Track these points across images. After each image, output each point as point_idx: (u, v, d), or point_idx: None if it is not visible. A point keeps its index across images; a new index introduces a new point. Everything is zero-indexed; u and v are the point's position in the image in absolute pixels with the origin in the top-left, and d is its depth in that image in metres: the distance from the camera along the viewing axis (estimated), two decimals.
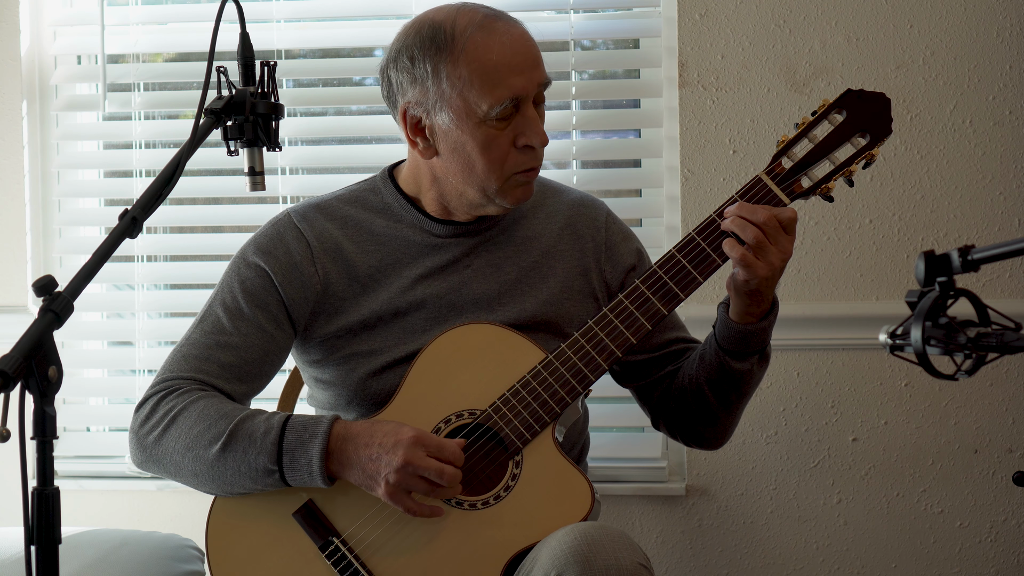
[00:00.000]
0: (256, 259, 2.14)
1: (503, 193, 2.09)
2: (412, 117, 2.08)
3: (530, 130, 2.05)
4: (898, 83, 2.70)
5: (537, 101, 2.08)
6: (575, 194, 2.28)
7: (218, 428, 2.00)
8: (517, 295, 2.15)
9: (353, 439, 1.97)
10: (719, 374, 2.10)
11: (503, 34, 2.03)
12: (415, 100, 2.06)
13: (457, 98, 2.02)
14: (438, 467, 1.93)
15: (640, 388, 2.27)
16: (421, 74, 2.04)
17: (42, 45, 2.98)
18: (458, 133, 2.04)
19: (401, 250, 2.15)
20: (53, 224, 2.99)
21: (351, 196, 2.21)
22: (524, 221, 2.20)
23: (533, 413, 2.01)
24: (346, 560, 2.00)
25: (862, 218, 2.73)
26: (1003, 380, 2.71)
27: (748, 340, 2.06)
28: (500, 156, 2.05)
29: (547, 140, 2.08)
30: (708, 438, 2.23)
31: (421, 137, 2.09)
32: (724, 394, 2.13)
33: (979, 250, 1.32)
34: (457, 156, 2.06)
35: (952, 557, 2.74)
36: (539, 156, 2.09)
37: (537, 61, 2.07)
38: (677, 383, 2.19)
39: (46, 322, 1.56)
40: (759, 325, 2.06)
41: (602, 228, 2.23)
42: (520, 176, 2.08)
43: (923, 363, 1.29)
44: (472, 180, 2.07)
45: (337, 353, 2.14)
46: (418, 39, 2.05)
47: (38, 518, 1.54)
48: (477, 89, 2.01)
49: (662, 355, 2.23)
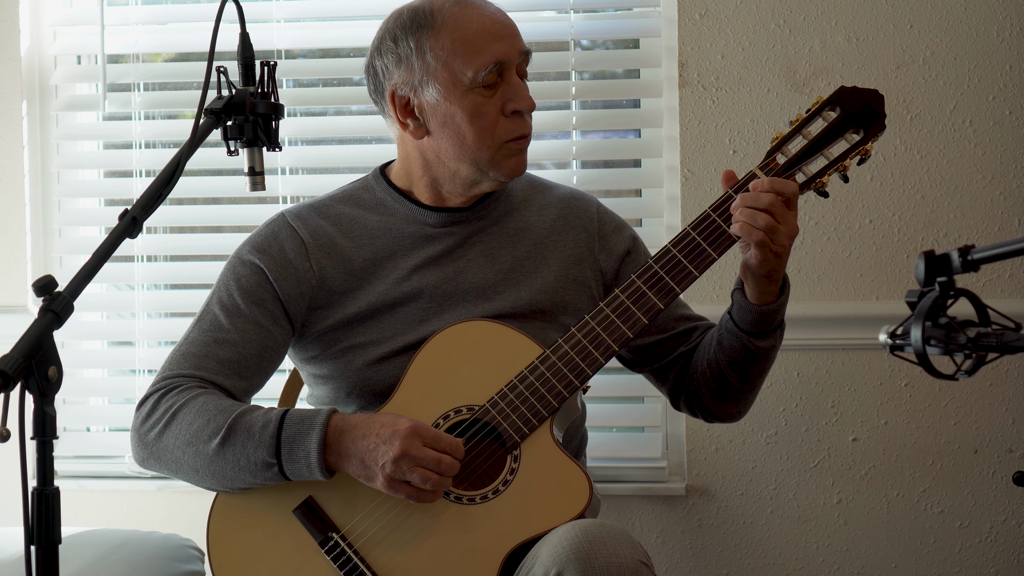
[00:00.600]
0: (251, 257, 2.16)
1: (496, 164, 2.12)
2: (400, 98, 2.12)
3: (516, 95, 2.10)
4: (898, 83, 2.70)
5: (521, 74, 2.13)
6: (565, 189, 2.31)
7: (217, 423, 2.01)
8: (512, 284, 2.17)
9: (351, 431, 1.97)
10: (742, 355, 2.13)
11: (480, 6, 2.12)
12: (402, 80, 2.11)
13: (442, 69, 2.07)
14: (435, 457, 1.94)
15: (655, 371, 2.29)
16: (405, 52, 2.09)
17: (42, 45, 2.98)
18: (447, 105, 2.08)
19: (396, 242, 2.17)
20: (53, 224, 2.99)
21: (344, 195, 2.24)
22: (516, 213, 2.23)
23: (531, 408, 2.01)
24: (346, 555, 2.01)
25: (862, 218, 2.73)
26: (1003, 380, 2.71)
27: (770, 319, 2.09)
28: (490, 124, 2.09)
29: (534, 105, 2.13)
30: (732, 413, 2.26)
31: (411, 117, 2.13)
32: (747, 372, 2.15)
33: (979, 250, 1.32)
34: (447, 130, 2.10)
35: (952, 557, 2.74)
36: (528, 123, 2.13)
37: (515, 31, 2.13)
38: (695, 368, 2.21)
39: (46, 322, 1.56)
40: (779, 302, 2.09)
41: (594, 219, 2.26)
42: (512, 144, 2.11)
43: (923, 363, 1.29)
44: (464, 153, 2.10)
45: (335, 347, 2.15)
46: (399, 22, 2.12)
47: (38, 518, 1.54)
48: (461, 57, 2.07)
49: (672, 335, 2.26)
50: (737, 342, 2.12)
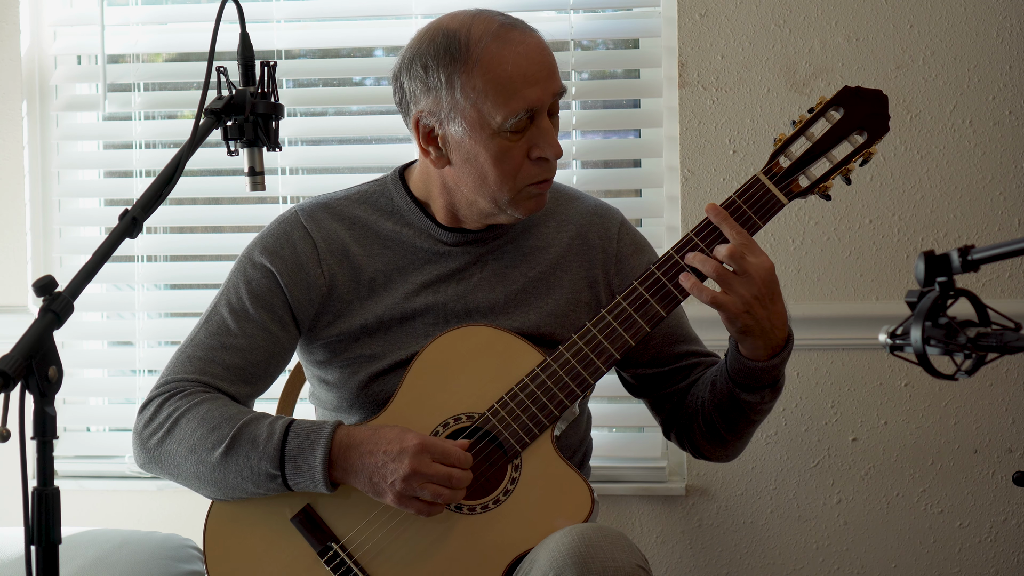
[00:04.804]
0: (262, 259, 2.13)
1: (515, 204, 2.06)
2: (425, 126, 2.05)
3: (544, 142, 2.02)
4: (898, 83, 2.70)
5: (551, 112, 2.05)
6: (590, 202, 2.24)
7: (221, 432, 1.99)
8: (522, 306, 2.13)
9: (357, 447, 1.95)
10: (729, 402, 2.08)
11: (518, 44, 2.00)
12: (428, 109, 2.03)
13: (471, 109, 1.99)
14: (446, 472, 1.92)
15: (653, 400, 2.25)
16: (435, 84, 2.01)
17: (42, 45, 2.98)
18: (471, 144, 2.01)
19: (408, 255, 2.14)
20: (53, 224, 2.99)
21: (360, 196, 2.19)
22: (535, 230, 2.18)
23: (532, 416, 2.00)
24: (345, 565, 1.99)
25: (862, 218, 2.73)
26: (1003, 380, 2.71)
27: (758, 376, 2.03)
28: (513, 168, 2.02)
29: (562, 152, 2.04)
30: (719, 456, 2.22)
31: (433, 146, 2.06)
32: (733, 421, 2.10)
33: (979, 250, 1.32)
34: (469, 167, 2.04)
35: (952, 557, 2.74)
36: (553, 168, 2.06)
37: (552, 71, 2.04)
38: (688, 404, 2.17)
39: (46, 322, 1.56)
40: (769, 363, 2.01)
41: (613, 239, 2.20)
42: (533, 188, 2.05)
43: (923, 363, 1.29)
44: (484, 191, 2.05)
45: (341, 355, 2.13)
46: (432, 47, 2.02)
47: (38, 518, 1.54)
48: (492, 101, 1.98)
49: (674, 369, 2.21)
50: (726, 388, 2.07)
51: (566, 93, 2.07)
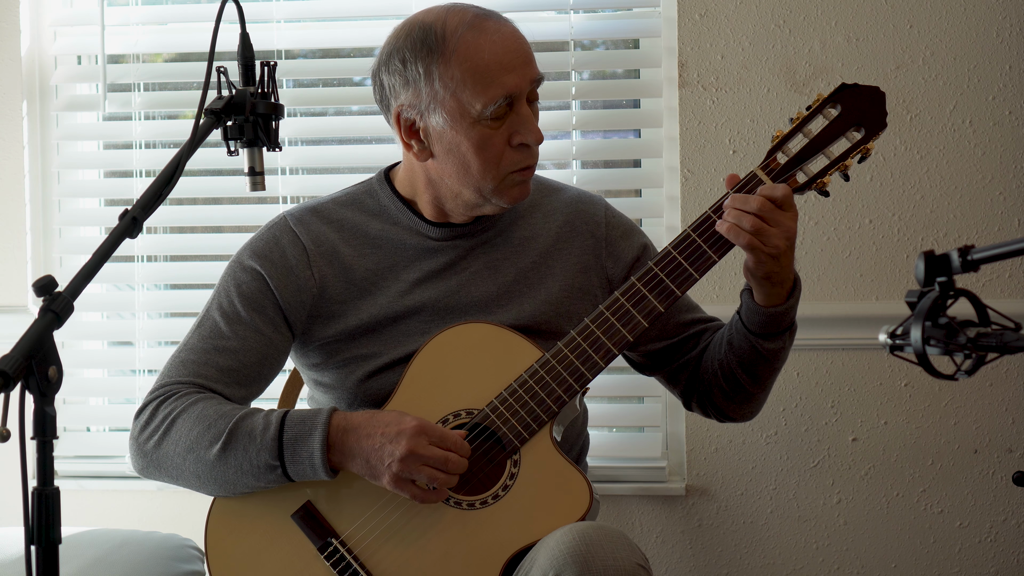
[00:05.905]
0: (252, 263, 2.14)
1: (499, 192, 2.08)
2: (406, 120, 2.07)
3: (525, 128, 2.04)
4: (898, 83, 2.70)
5: (531, 99, 2.08)
6: (572, 192, 2.27)
7: (217, 428, 2.00)
8: (516, 297, 2.14)
9: (354, 430, 1.96)
10: (752, 356, 2.11)
11: (494, 32, 2.03)
12: (408, 103, 2.05)
13: (450, 99, 2.01)
14: (442, 455, 1.93)
15: (666, 374, 2.27)
16: (413, 76, 2.03)
17: (42, 45, 2.98)
18: (452, 134, 2.03)
19: (398, 253, 2.15)
20: (53, 224, 2.99)
21: (347, 198, 2.21)
22: (521, 221, 2.20)
23: (531, 412, 2.01)
24: (345, 561, 2.00)
25: (862, 218, 2.73)
26: (1003, 380, 2.71)
27: (778, 321, 2.08)
28: (495, 155, 2.04)
29: (542, 138, 2.07)
30: (745, 413, 2.24)
31: (416, 140, 2.08)
32: (758, 373, 2.14)
33: (979, 250, 1.32)
34: (452, 157, 2.06)
35: (952, 557, 2.74)
36: (535, 154, 2.08)
37: (529, 58, 2.06)
38: (705, 369, 2.20)
39: (46, 322, 1.56)
40: (786, 305, 2.07)
41: (601, 224, 2.23)
42: (516, 175, 2.07)
43: (923, 363, 1.29)
44: (468, 181, 2.07)
45: (336, 357, 2.14)
46: (408, 41, 2.04)
47: (38, 518, 1.54)
48: (470, 89, 2.00)
49: (683, 338, 2.24)
50: (746, 343, 2.11)
51: (544, 80, 2.09)
